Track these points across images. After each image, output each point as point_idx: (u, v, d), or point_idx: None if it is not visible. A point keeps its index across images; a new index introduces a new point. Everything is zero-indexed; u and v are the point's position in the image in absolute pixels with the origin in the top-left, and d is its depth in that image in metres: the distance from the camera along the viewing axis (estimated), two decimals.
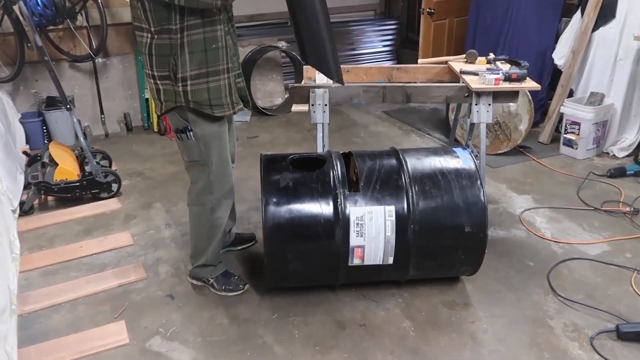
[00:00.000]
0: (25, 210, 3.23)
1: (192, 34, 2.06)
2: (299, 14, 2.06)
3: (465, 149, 2.51)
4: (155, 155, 4.16)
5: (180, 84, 2.12)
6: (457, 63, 3.17)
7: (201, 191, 2.35)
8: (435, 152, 2.49)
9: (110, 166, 3.72)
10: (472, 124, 3.06)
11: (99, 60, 4.47)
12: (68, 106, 3.37)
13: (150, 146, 4.34)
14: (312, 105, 2.79)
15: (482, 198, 2.29)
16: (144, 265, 2.74)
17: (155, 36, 2.06)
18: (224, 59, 2.16)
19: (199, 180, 2.34)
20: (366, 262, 2.29)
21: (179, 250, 2.88)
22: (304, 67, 2.99)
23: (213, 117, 2.21)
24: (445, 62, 3.22)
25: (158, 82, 2.15)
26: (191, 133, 2.21)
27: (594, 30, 4.00)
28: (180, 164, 3.83)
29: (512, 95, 2.88)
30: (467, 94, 2.86)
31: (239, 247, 2.86)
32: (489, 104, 2.84)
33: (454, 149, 2.52)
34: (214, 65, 2.13)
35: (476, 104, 2.84)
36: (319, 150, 2.77)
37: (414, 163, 2.38)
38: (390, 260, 2.30)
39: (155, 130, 4.61)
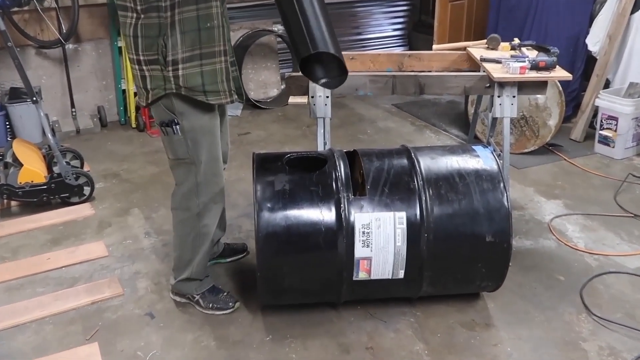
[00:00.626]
0: None
1: (184, 11, 2.07)
2: None
3: (487, 147, 2.51)
4: (133, 154, 4.17)
5: (170, 68, 2.12)
6: (477, 49, 3.18)
7: (187, 194, 2.36)
8: (452, 150, 2.50)
9: (82, 167, 3.74)
10: (495, 119, 3.06)
11: (69, 46, 4.49)
12: (34, 98, 3.37)
13: (127, 144, 4.35)
14: (312, 97, 2.80)
15: (506, 203, 2.30)
16: (120, 280, 2.75)
17: (142, 15, 2.07)
18: (219, 39, 2.16)
19: (185, 182, 2.34)
20: (373, 277, 2.29)
21: (160, 262, 2.88)
22: None
23: (204, 108, 2.22)
24: (464, 49, 3.23)
25: (144, 67, 2.15)
26: (178, 127, 2.21)
27: (633, 12, 4.00)
28: (162, 164, 3.87)
29: (540, 85, 2.89)
30: (488, 85, 2.87)
31: (229, 259, 2.87)
32: (514, 96, 2.85)
33: (474, 147, 2.52)
34: (209, 47, 2.13)
35: (499, 96, 2.85)
36: (320, 148, 2.77)
37: (427, 163, 2.39)
38: (401, 274, 2.30)
39: (134, 125, 4.62)
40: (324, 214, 2.24)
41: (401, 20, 5.98)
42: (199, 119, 2.23)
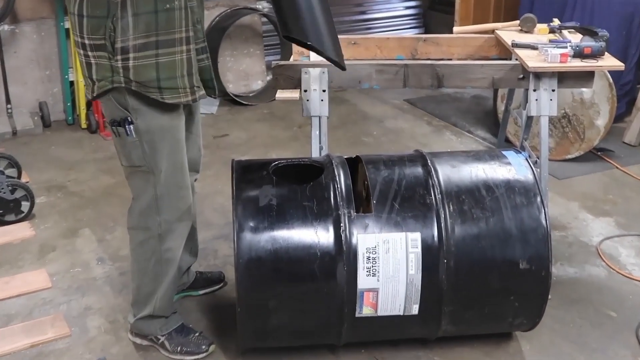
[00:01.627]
0: None
1: None
2: None
3: (520, 153, 2.52)
4: (83, 161, 4.17)
5: (119, 57, 2.13)
6: (509, 32, 3.20)
7: (145, 210, 2.36)
8: (477, 157, 2.50)
9: (19, 177, 3.73)
10: (530, 118, 3.06)
11: (4, 27, 4.50)
12: None
13: (76, 148, 4.35)
14: (305, 91, 2.81)
15: (544, 221, 2.30)
16: (66, 318, 2.73)
17: None
18: (182, 23, 2.17)
19: (143, 195, 2.35)
20: (381, 313, 2.29)
21: (116, 295, 2.88)
22: None
23: (163, 105, 2.23)
24: (492, 31, 3.25)
25: (90, 53, 2.17)
26: (131, 126, 2.22)
27: None
28: (118, 174, 3.85)
29: (586, 77, 2.90)
30: (522, 76, 2.88)
31: (202, 292, 2.87)
32: (553, 90, 2.85)
33: (504, 152, 2.53)
34: (167, 33, 2.14)
35: (535, 90, 2.86)
36: (315, 154, 2.78)
37: (447, 172, 2.40)
38: (415, 310, 2.29)
39: (84, 126, 4.62)
40: (319, 236, 2.24)
41: None
42: (157, 118, 2.24)
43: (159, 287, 2.45)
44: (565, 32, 3.15)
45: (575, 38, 3.04)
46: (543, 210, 2.32)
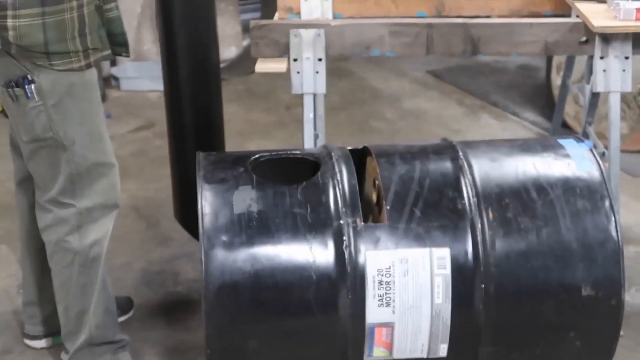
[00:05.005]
0: None
1: None
2: None
3: (583, 142, 2.52)
4: None
5: None
6: None
7: (58, 198, 2.41)
8: (526, 147, 2.51)
9: None
10: (595, 95, 3.08)
11: None
12: None
13: None
14: (295, 60, 2.80)
15: (614, 233, 2.29)
16: None
17: None
18: None
19: (53, 179, 2.39)
20: (397, 355, 2.27)
21: None
22: None
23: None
24: None
25: None
26: (32, 86, 2.27)
27: None
28: None
29: None
30: (585, 39, 2.87)
31: None
32: (627, 58, 2.85)
33: (561, 141, 2.53)
34: None
35: (602, 58, 2.85)
36: (308, 144, 2.78)
37: (485, 168, 2.39)
38: (444, 352, 2.28)
39: None
40: (315, 253, 2.23)
41: None
42: (64, 74, 2.29)
43: (89, 300, 2.50)
44: None
45: None
46: (613, 219, 2.31)
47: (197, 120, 3.03)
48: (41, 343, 2.80)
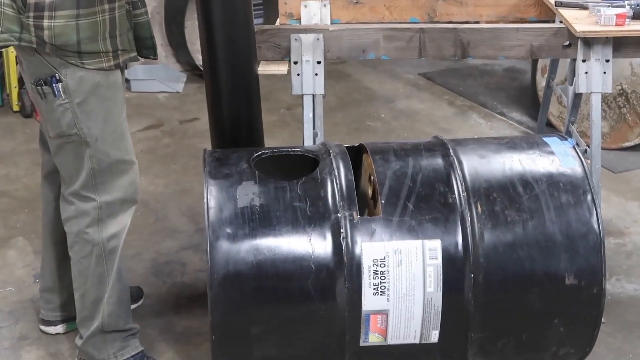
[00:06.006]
0: None
1: None
2: None
3: (566, 140, 2.54)
4: (14, 152, 4.19)
5: (31, 14, 2.21)
6: None
7: (81, 191, 2.43)
8: (512, 145, 2.52)
9: None
10: (578, 96, 3.09)
11: None
12: None
13: (6, 137, 4.37)
14: (296, 63, 2.83)
15: (596, 226, 2.32)
16: None
17: None
18: None
19: (77, 173, 2.42)
20: (391, 341, 2.30)
21: None
22: None
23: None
24: None
25: None
26: (59, 85, 2.30)
27: None
28: None
29: None
30: (568, 43, 2.89)
31: None
32: (607, 60, 2.87)
33: (546, 139, 2.55)
34: None
35: (584, 61, 2.87)
36: (307, 142, 2.80)
37: (474, 165, 2.41)
38: (435, 337, 2.30)
39: (15, 109, 4.63)
40: (314, 244, 2.25)
41: None
42: (90, 74, 2.32)
43: (105, 290, 2.51)
44: None
45: None
46: (595, 212, 2.33)
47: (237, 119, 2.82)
48: (56, 329, 2.81)
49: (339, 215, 2.28)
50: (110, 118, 2.39)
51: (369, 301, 2.25)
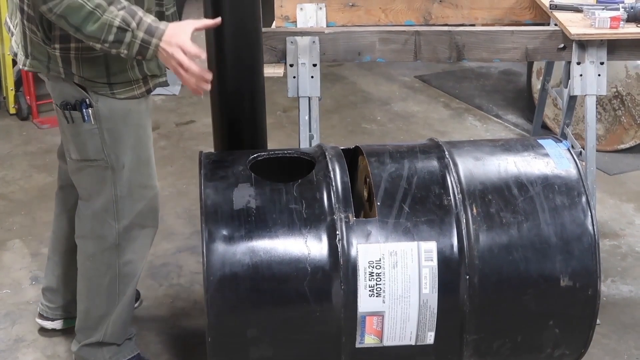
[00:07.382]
0: None
1: None
2: None
3: (561, 142, 2.53)
4: (11, 155, 4.18)
5: (57, 45, 2.17)
6: None
7: (100, 214, 2.39)
8: (507, 147, 2.52)
9: None
10: (573, 99, 3.09)
11: None
12: None
13: (2, 140, 4.36)
14: (291, 65, 2.83)
15: (591, 227, 2.31)
16: None
17: None
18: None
19: (97, 195, 2.37)
20: (387, 342, 2.29)
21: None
22: None
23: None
24: None
25: (25, 22, 2.18)
26: (90, 110, 2.25)
27: None
28: (55, 171, 3.84)
29: None
30: (562, 46, 2.90)
31: None
32: (602, 63, 2.87)
33: (541, 141, 2.54)
34: None
35: (579, 63, 2.87)
36: (303, 144, 2.80)
37: (469, 166, 2.41)
38: (430, 339, 2.30)
39: (12, 111, 4.62)
40: (310, 246, 2.25)
41: None
42: (122, 100, 2.27)
43: (113, 310, 2.48)
44: None
45: None
46: (590, 214, 2.33)
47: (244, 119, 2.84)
48: (53, 324, 2.78)
49: (334, 217, 2.27)
50: (138, 144, 2.35)
51: (365, 303, 2.24)
